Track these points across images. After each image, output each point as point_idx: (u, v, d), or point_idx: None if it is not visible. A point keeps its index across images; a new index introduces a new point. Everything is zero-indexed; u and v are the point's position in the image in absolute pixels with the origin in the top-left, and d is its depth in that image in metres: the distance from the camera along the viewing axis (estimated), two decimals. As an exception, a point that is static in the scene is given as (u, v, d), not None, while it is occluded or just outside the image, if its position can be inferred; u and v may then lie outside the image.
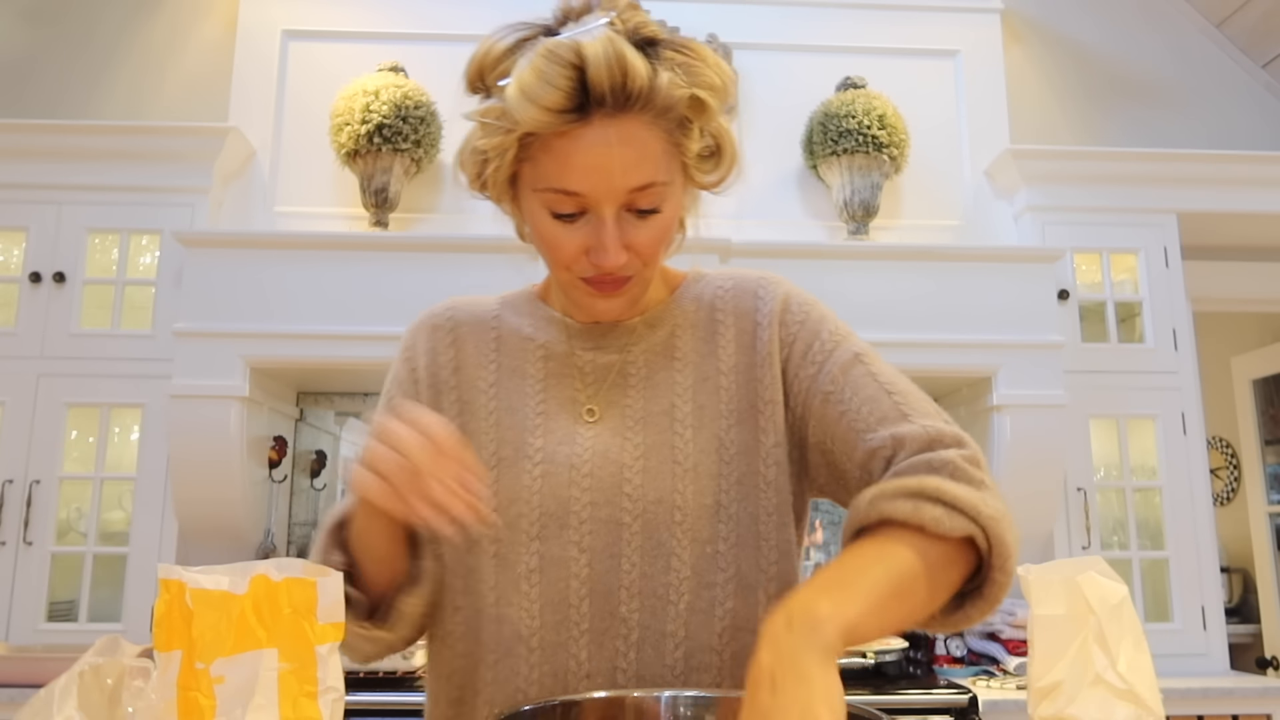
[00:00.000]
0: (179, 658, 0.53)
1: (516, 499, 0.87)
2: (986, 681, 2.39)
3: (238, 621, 0.53)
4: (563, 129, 0.78)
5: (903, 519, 0.73)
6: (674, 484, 0.86)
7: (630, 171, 0.79)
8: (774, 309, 0.92)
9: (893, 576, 0.70)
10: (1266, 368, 3.88)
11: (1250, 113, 3.22)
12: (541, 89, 0.76)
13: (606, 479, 0.86)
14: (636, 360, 0.92)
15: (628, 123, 0.78)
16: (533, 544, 0.86)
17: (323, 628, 0.55)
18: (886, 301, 2.56)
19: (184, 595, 0.53)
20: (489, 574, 0.87)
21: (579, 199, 0.81)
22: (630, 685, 0.84)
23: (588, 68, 0.76)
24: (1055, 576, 0.57)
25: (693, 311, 0.94)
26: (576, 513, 0.86)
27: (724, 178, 0.88)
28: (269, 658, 0.53)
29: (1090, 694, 0.56)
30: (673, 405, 0.90)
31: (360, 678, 2.20)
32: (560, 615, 0.85)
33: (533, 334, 0.95)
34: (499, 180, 0.85)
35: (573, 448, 0.88)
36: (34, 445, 2.54)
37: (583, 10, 0.81)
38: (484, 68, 0.84)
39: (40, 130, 2.67)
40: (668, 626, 0.85)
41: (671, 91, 0.79)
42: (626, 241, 0.82)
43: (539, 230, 0.85)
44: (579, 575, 0.85)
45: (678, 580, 0.85)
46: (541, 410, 0.90)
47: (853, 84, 2.90)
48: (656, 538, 0.85)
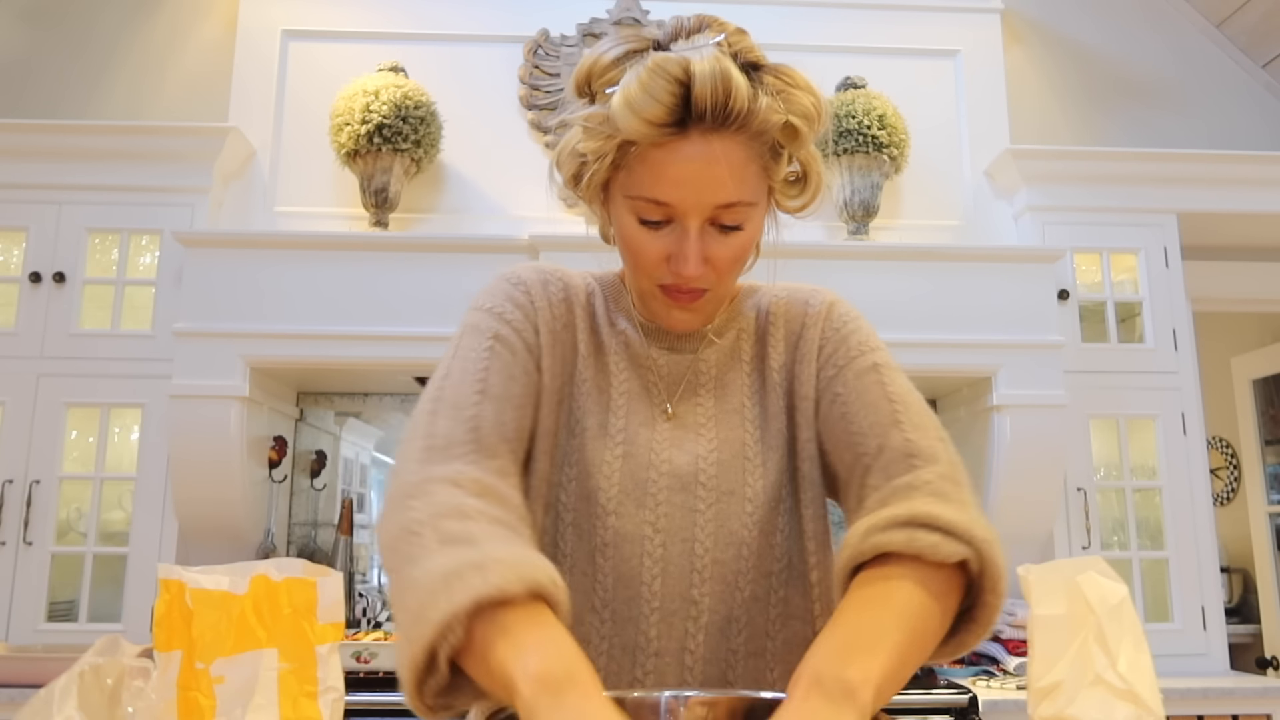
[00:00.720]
0: (179, 658, 0.52)
1: (596, 472, 0.89)
2: (986, 681, 2.39)
3: (238, 621, 0.53)
4: (661, 140, 0.81)
5: (899, 550, 0.74)
6: (744, 478, 0.90)
7: (719, 188, 0.83)
8: (819, 312, 0.97)
9: (907, 623, 0.71)
10: (1266, 368, 3.88)
11: (1250, 113, 3.22)
12: (646, 100, 0.79)
13: (683, 467, 0.90)
14: (708, 360, 0.96)
15: (723, 141, 0.81)
16: (609, 519, 0.88)
17: (323, 628, 0.55)
18: (886, 301, 2.56)
19: (184, 595, 0.53)
20: (566, 542, 0.89)
21: (667, 209, 0.84)
22: (697, 666, 0.87)
23: (694, 84, 0.79)
24: (1055, 576, 0.57)
25: (752, 318, 1.00)
26: (654, 494, 0.89)
27: (808, 204, 0.93)
28: (269, 658, 0.53)
29: (1090, 694, 0.56)
30: (742, 405, 0.95)
31: (360, 678, 2.20)
32: (632, 591, 0.87)
33: (616, 318, 0.98)
34: (594, 183, 0.88)
35: (653, 434, 0.92)
36: (34, 445, 2.54)
37: (694, 29, 0.85)
38: (592, 74, 0.87)
39: (40, 130, 2.67)
40: (734, 612, 0.89)
41: (768, 116, 0.82)
42: (707, 254, 0.86)
43: (625, 234, 0.88)
44: (653, 554, 0.88)
45: (746, 568, 0.89)
46: (625, 392, 0.93)
47: (853, 84, 2.90)
48: (729, 527, 0.89)
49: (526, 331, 0.91)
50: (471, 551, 0.67)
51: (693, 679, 0.87)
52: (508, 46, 2.98)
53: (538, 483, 0.90)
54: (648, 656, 0.87)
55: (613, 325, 0.97)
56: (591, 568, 0.88)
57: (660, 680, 0.87)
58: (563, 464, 0.90)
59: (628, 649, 0.87)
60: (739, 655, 0.89)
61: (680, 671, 0.87)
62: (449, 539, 0.69)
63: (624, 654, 0.87)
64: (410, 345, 2.43)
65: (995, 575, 0.75)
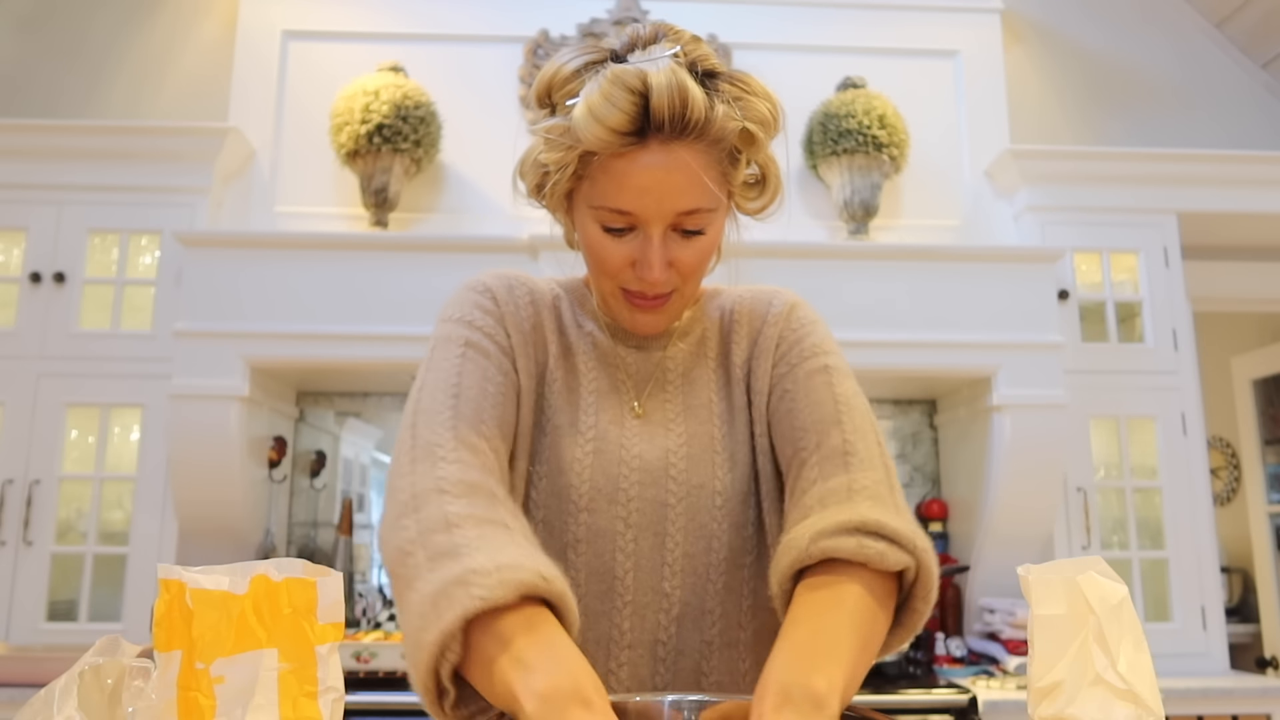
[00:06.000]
0: (179, 658, 0.52)
1: (567, 469, 0.90)
2: (986, 681, 2.39)
3: (238, 621, 0.53)
4: (621, 150, 0.83)
5: (848, 556, 0.76)
6: (714, 471, 0.92)
7: (680, 195, 0.84)
8: (780, 312, 0.99)
9: (860, 629, 0.73)
10: (1266, 368, 3.88)
11: (1250, 113, 3.22)
12: (606, 111, 0.81)
13: (653, 462, 0.91)
14: (675, 359, 0.98)
15: (682, 150, 0.83)
16: (581, 515, 0.89)
17: (323, 628, 0.55)
18: (887, 301, 2.56)
19: (184, 595, 0.53)
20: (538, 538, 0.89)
21: (630, 217, 0.86)
22: (670, 658, 0.89)
23: (651, 95, 0.81)
24: (1055, 576, 0.57)
25: (717, 319, 1.02)
26: (625, 490, 0.90)
27: (767, 205, 0.94)
28: (269, 658, 0.53)
29: (1090, 694, 0.56)
30: (709, 400, 0.96)
31: (360, 678, 2.20)
32: (605, 585, 0.89)
33: (583, 321, 0.99)
34: (557, 193, 0.90)
35: (622, 431, 0.93)
36: (34, 445, 2.54)
37: (650, 40, 0.86)
38: (553, 86, 0.88)
39: (40, 130, 2.67)
40: (707, 603, 0.90)
41: (725, 123, 0.83)
42: (670, 259, 0.87)
43: (589, 241, 0.90)
44: (625, 549, 0.89)
45: (717, 560, 0.91)
46: (594, 390, 0.95)
47: (853, 84, 2.90)
48: (699, 520, 0.91)
49: (498, 335, 0.92)
50: (455, 567, 0.68)
51: (665, 670, 0.89)
52: (508, 46, 2.98)
53: (516, 480, 0.91)
54: (621, 649, 0.89)
55: (580, 327, 0.98)
56: (563, 563, 0.89)
57: (634, 672, 0.89)
58: (535, 461, 0.92)
59: (601, 642, 0.89)
60: (713, 647, 0.90)
61: (653, 664, 0.89)
62: (437, 555, 0.70)
63: (597, 647, 0.88)
64: (410, 345, 2.43)
65: (929, 584, 0.79)
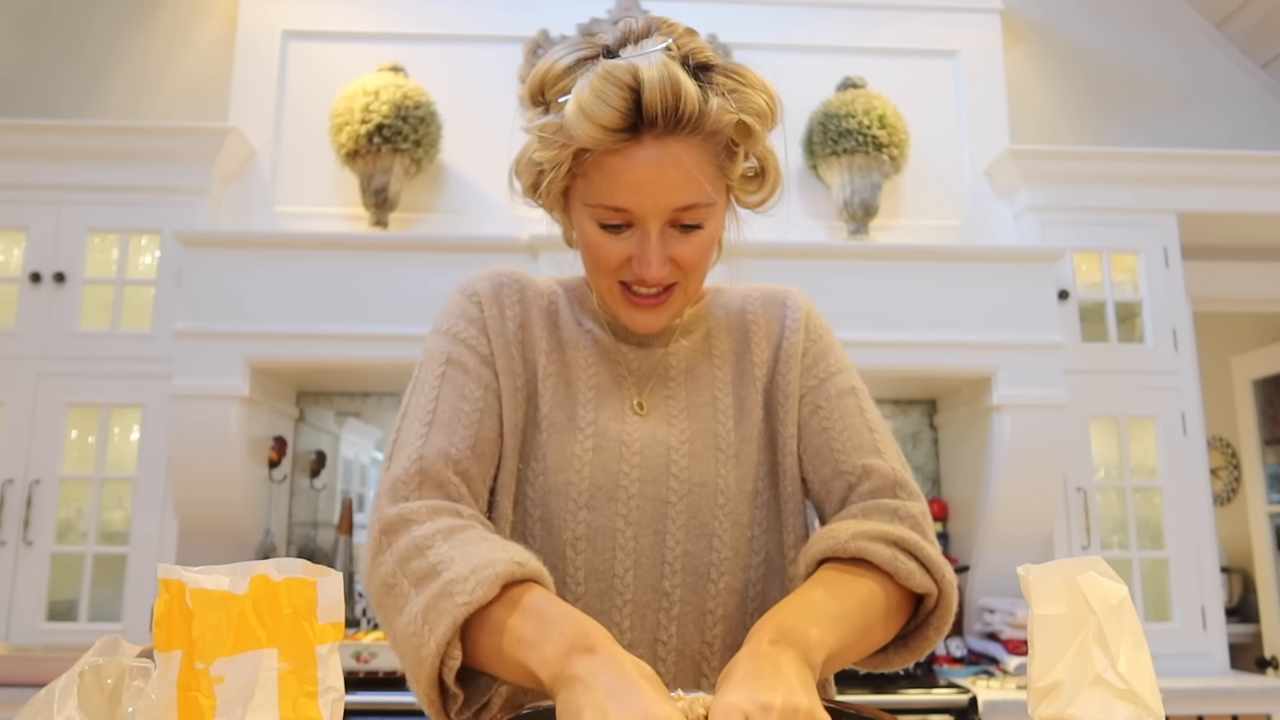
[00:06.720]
0: (179, 658, 0.52)
1: (566, 467, 0.89)
2: (986, 681, 2.39)
3: (238, 621, 0.53)
4: (615, 147, 0.82)
5: (879, 564, 0.80)
6: (717, 469, 0.91)
7: (676, 191, 0.83)
8: (800, 317, 0.99)
9: (866, 617, 0.78)
10: (1266, 368, 3.88)
11: (1250, 113, 3.22)
12: (598, 108, 0.80)
13: (654, 459, 0.90)
14: (678, 355, 0.97)
15: (676, 144, 0.82)
16: (580, 513, 0.88)
17: (323, 628, 0.55)
18: (887, 301, 2.56)
19: (184, 595, 0.53)
20: (535, 538, 0.90)
21: (626, 214, 0.85)
22: (670, 658, 0.88)
23: (643, 90, 0.79)
24: (1055, 576, 0.57)
25: (723, 316, 1.00)
26: (625, 487, 0.89)
27: (766, 199, 0.92)
28: (269, 658, 0.53)
29: (1090, 694, 0.56)
30: (714, 397, 0.95)
31: (360, 678, 2.20)
32: (605, 584, 0.88)
33: (582, 319, 0.98)
34: (552, 191, 0.89)
35: (623, 426, 0.92)
36: (34, 445, 2.54)
37: (642, 34, 0.85)
38: (545, 83, 0.87)
39: (40, 130, 2.67)
40: (708, 604, 0.89)
41: (720, 117, 0.82)
42: (670, 254, 0.86)
43: (586, 239, 0.89)
44: (625, 547, 0.88)
45: (718, 560, 0.90)
46: (594, 386, 0.94)
47: (853, 84, 2.90)
48: (700, 518, 0.90)
49: (479, 344, 0.93)
50: (437, 583, 0.72)
51: (665, 671, 0.88)
52: (508, 46, 2.98)
53: (506, 478, 0.90)
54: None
55: (580, 325, 0.97)
56: (563, 562, 0.88)
57: None
58: (529, 459, 0.91)
59: None
60: (714, 648, 0.89)
61: (653, 664, 0.87)
62: (418, 578, 0.74)
63: None
64: (410, 345, 2.43)
65: (945, 615, 0.83)
